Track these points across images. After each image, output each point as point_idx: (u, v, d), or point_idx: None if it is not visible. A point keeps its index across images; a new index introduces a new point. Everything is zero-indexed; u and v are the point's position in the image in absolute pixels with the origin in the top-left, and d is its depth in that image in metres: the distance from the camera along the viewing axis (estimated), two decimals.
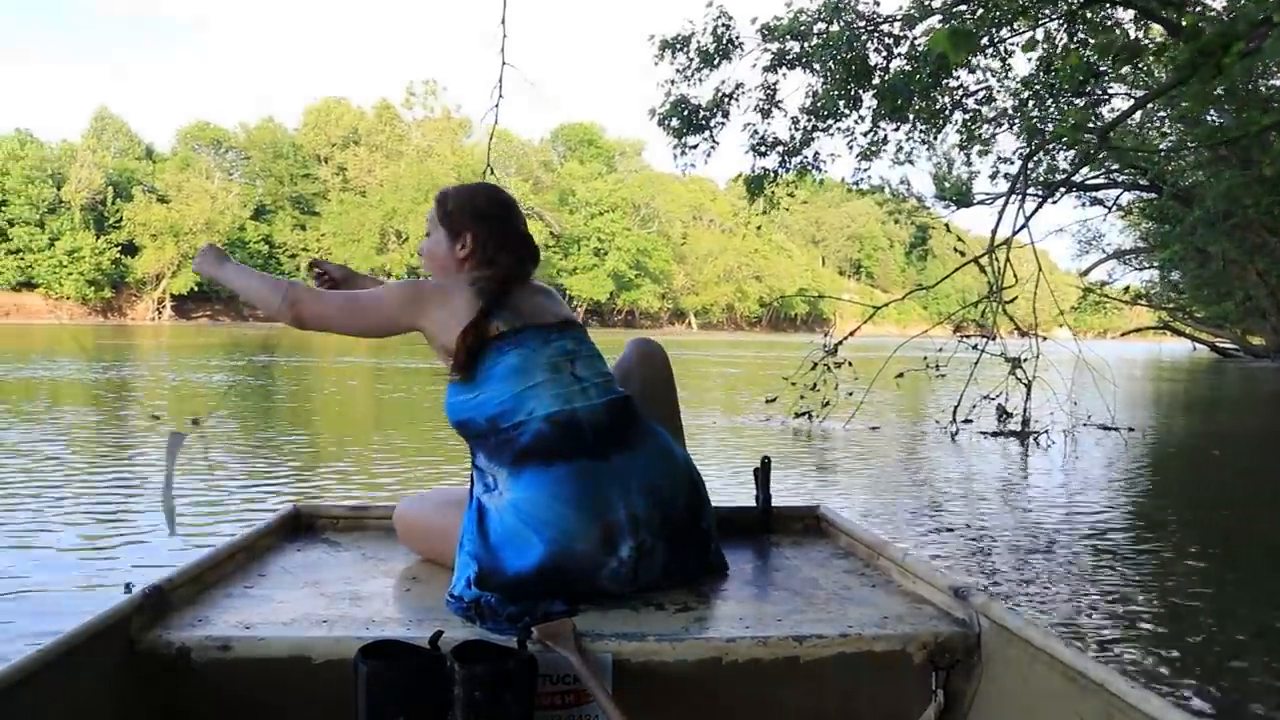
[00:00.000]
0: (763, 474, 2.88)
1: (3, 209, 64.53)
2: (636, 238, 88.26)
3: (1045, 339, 10.32)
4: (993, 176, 12.08)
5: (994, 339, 10.17)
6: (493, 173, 7.27)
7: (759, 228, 14.99)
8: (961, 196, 16.23)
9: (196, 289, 66.31)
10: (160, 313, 66.73)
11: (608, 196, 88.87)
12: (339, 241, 73.17)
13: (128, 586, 2.10)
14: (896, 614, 2.09)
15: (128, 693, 1.82)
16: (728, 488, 6.05)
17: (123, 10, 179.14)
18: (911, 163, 13.92)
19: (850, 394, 10.44)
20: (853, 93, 11.39)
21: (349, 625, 1.97)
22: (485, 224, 2.42)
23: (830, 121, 12.16)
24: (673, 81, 12.48)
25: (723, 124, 12.54)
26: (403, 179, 74.91)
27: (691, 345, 44.64)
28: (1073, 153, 14.40)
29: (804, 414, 10.43)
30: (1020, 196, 10.65)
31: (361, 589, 2.24)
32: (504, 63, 5.47)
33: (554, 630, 1.88)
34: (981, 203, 16.27)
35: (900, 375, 10.59)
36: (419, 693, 1.73)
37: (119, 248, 67.03)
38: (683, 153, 12.71)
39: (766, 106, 12.46)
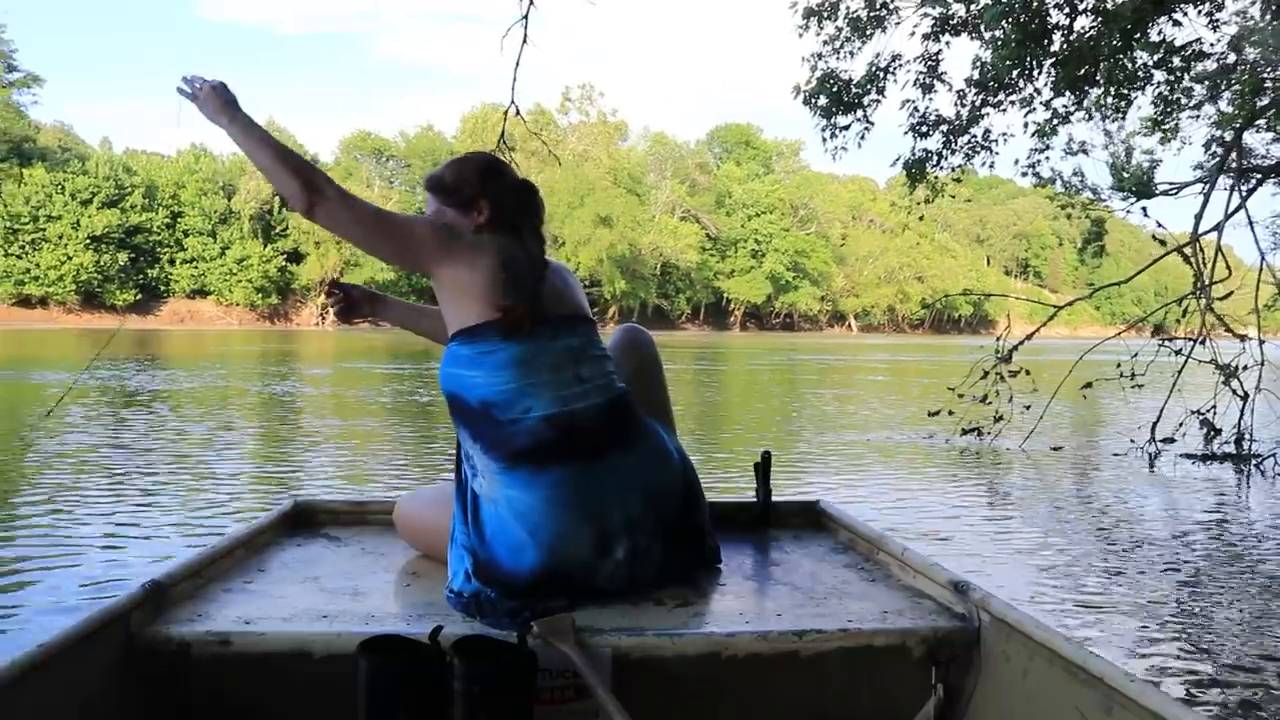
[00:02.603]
0: (763, 468, 2.84)
1: (179, 220, 67.15)
2: (794, 239, 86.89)
3: (1264, 341, 8.69)
4: (1206, 146, 10.39)
5: (1202, 342, 8.59)
6: (519, 113, 6.26)
7: (921, 218, 13.43)
8: (1142, 187, 14.54)
9: None
10: (324, 318, 68.19)
11: (765, 198, 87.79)
12: None
13: None
14: (896, 608, 2.07)
15: (127, 687, 1.81)
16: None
17: (291, 29, 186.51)
18: (1086, 153, 12.32)
19: (1027, 407, 9.01)
20: (1028, 60, 9.91)
21: (349, 620, 1.96)
22: (493, 185, 2.36)
23: (1001, 95, 10.68)
24: (819, 55, 11.13)
25: (878, 102, 11.09)
26: (558, 184, 74.87)
27: (850, 349, 42.93)
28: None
29: (972, 430, 9.07)
30: (1234, 173, 9.02)
31: (361, 584, 2.24)
32: None
33: (553, 625, 1.87)
34: (1165, 193, 14.57)
35: (1088, 385, 9.10)
36: (419, 688, 1.71)
37: (285, 255, 69.02)
38: (832, 135, 11.21)
39: (928, 80, 10.94)
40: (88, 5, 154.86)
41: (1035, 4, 9.52)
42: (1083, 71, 9.86)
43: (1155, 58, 9.75)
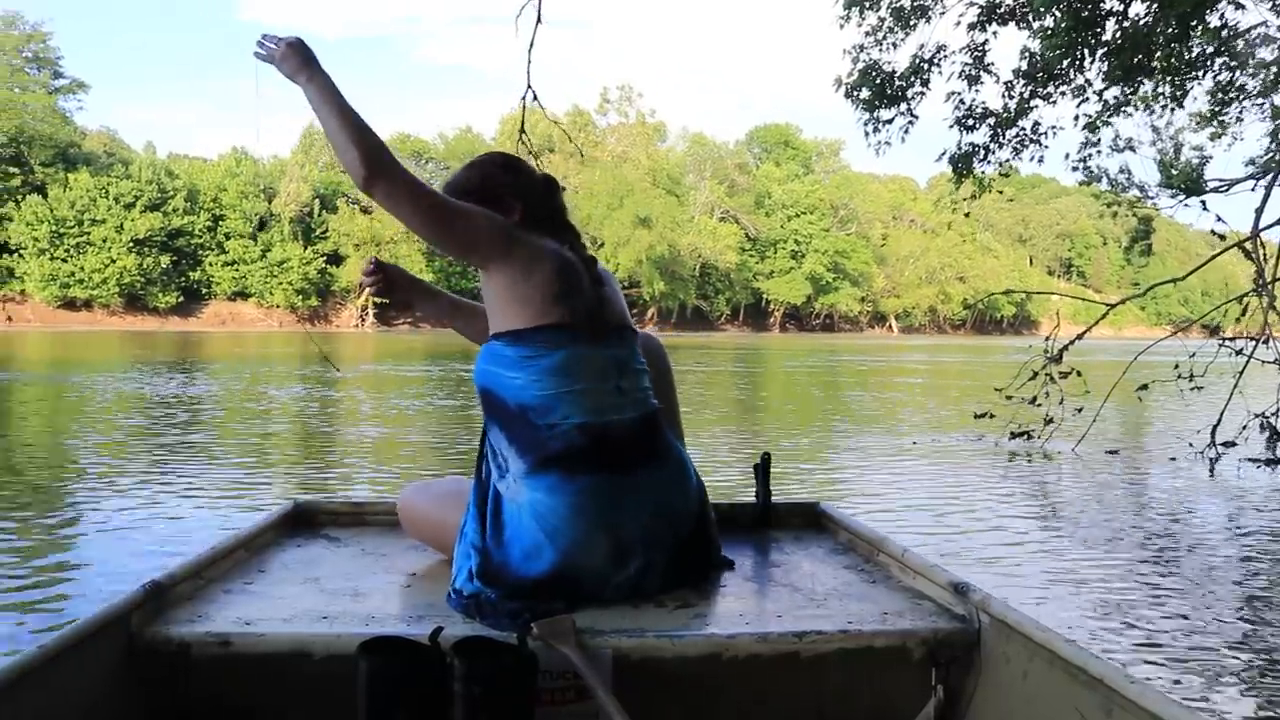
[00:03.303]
0: (762, 470, 2.83)
1: (221, 223, 67.49)
2: (834, 239, 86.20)
3: None
4: (1273, 135, 9.90)
5: (1264, 341, 8.22)
6: (536, 99, 6.06)
7: (966, 214, 12.93)
8: (1192, 184, 14.05)
9: None
10: (363, 320, 68.42)
11: (804, 198, 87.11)
12: None
13: None
14: (896, 610, 2.06)
15: (128, 689, 1.81)
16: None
17: (333, 33, 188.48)
18: (1133, 149, 11.89)
19: (1079, 410, 8.67)
20: (1079, 49, 9.51)
21: (349, 621, 1.96)
22: (517, 182, 2.34)
23: (1051, 87, 10.28)
24: (861, 47, 10.78)
25: (922, 94, 10.72)
26: (597, 185, 74.75)
27: (892, 350, 42.39)
28: None
29: (1022, 433, 8.74)
30: None
31: (361, 585, 2.22)
32: None
33: (554, 627, 1.86)
34: (1216, 190, 14.09)
35: (1144, 387, 8.73)
36: (419, 689, 1.70)
37: (324, 258, 69.19)
38: (875, 129, 10.88)
39: (974, 71, 10.60)
40: (131, 11, 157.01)
41: None
42: (1136, 60, 9.47)
43: (1215, 45, 9.30)
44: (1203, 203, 8.41)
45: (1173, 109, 10.33)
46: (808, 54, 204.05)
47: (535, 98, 5.87)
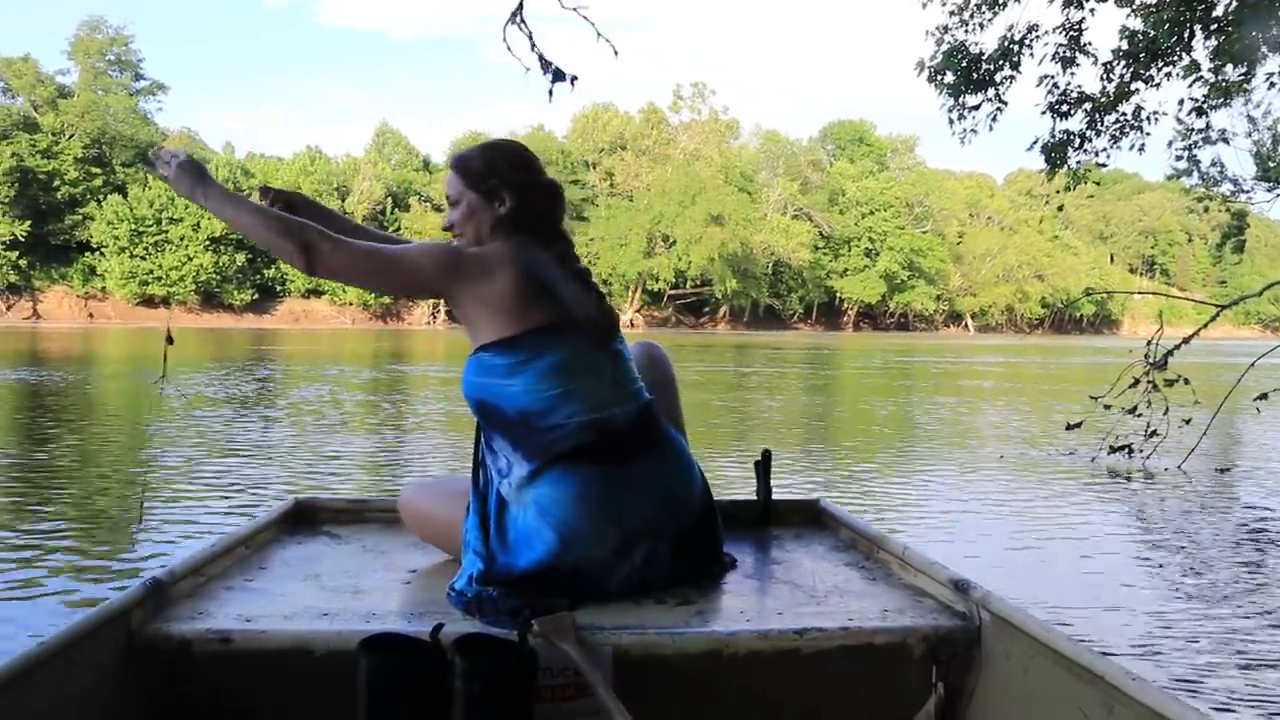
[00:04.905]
0: (763, 466, 2.80)
1: None
2: (910, 237, 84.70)
3: None
4: None
5: None
6: (557, 71, 5.69)
7: (1060, 208, 12.17)
8: None
9: None
10: (435, 317, 68.56)
11: (879, 195, 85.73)
12: (607, 245, 73.03)
13: None
14: (897, 607, 2.05)
15: (128, 685, 1.81)
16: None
17: (407, 34, 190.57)
18: (1226, 141, 11.00)
19: (1187, 421, 7.89)
20: (1188, 26, 8.68)
21: (349, 618, 1.95)
22: (522, 179, 2.30)
23: (1153, 69, 9.43)
24: (946, 28, 10.04)
25: (1012, 79, 9.92)
26: (669, 183, 74.13)
27: (969, 350, 41.18)
28: None
29: (1122, 447, 7.98)
30: None
31: (362, 582, 2.23)
32: None
33: (554, 624, 1.85)
34: None
35: (1263, 396, 7.93)
36: (419, 686, 1.70)
37: None
38: (961, 116, 10.09)
39: (1069, 52, 9.82)
40: (211, 14, 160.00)
41: None
42: (1254, 36, 8.60)
43: None
44: None
45: None
46: (881, 50, 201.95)
47: (556, 67, 5.46)
